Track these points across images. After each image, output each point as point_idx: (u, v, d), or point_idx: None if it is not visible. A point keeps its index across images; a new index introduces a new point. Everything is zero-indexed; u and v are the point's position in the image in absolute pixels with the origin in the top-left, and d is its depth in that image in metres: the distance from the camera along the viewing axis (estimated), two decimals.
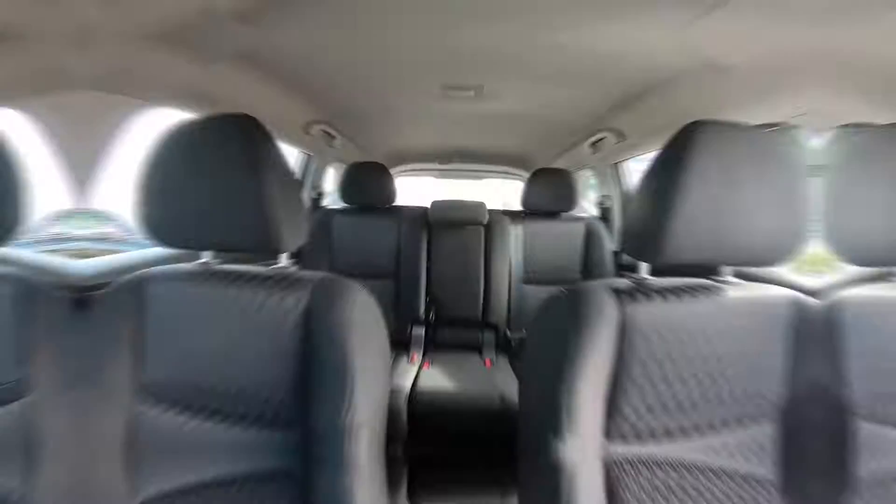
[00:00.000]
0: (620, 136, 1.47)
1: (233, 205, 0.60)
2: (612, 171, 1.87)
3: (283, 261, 0.70)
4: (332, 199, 2.29)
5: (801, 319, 0.62)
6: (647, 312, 0.58)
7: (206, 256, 0.71)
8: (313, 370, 0.59)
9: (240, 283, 0.64)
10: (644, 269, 0.64)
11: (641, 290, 0.60)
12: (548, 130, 1.72)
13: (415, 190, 3.56)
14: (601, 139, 1.59)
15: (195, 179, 0.61)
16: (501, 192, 3.62)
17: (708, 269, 0.64)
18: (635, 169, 1.92)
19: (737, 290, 0.62)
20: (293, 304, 0.61)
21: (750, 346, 0.60)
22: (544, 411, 0.57)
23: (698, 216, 0.55)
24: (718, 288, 0.62)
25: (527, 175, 2.76)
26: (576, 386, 0.55)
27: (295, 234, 0.64)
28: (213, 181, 0.60)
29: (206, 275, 0.66)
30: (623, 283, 0.63)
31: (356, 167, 1.70)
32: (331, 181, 2.29)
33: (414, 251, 1.67)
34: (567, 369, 0.55)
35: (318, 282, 0.63)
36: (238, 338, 0.61)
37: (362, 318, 0.61)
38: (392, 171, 2.76)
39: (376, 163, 1.74)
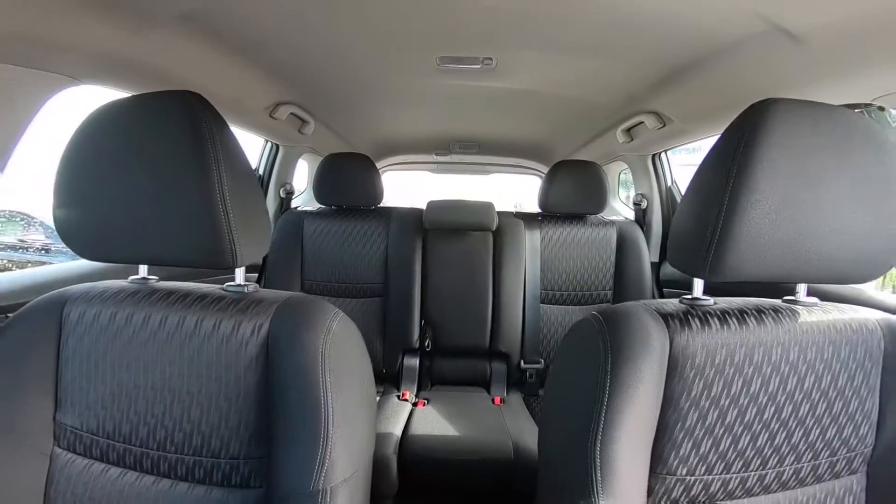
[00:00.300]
0: (662, 120, 1.46)
1: (173, 207, 0.58)
2: (650, 164, 1.85)
3: (240, 276, 0.67)
4: (304, 198, 2.28)
5: None
6: (702, 341, 0.56)
7: (143, 271, 0.70)
8: (277, 416, 0.57)
9: (184, 304, 0.62)
10: (698, 286, 0.62)
11: (695, 314, 0.58)
12: (571, 114, 1.70)
13: (407, 188, 3.58)
14: (637, 124, 1.58)
15: (125, 175, 0.59)
16: (512, 192, 3.60)
17: (777, 287, 0.62)
18: (678, 163, 1.91)
19: (816, 314, 0.60)
20: (250, 331, 0.59)
21: (833, 383, 0.58)
22: (571, 466, 0.55)
23: (770, 220, 0.53)
24: (792, 310, 0.60)
25: (544, 169, 2.76)
26: (612, 435, 0.53)
27: (254, 245, 0.63)
28: (149, 177, 0.58)
29: (141, 294, 0.64)
30: (671, 304, 0.62)
31: (333, 159, 1.69)
32: (303, 176, 2.27)
33: (405, 263, 1.65)
34: (601, 414, 0.53)
35: (283, 304, 0.61)
36: (181, 374, 0.59)
37: (338, 349, 0.60)
38: (379, 164, 2.76)
39: (358, 154, 1.72)
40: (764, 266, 0.55)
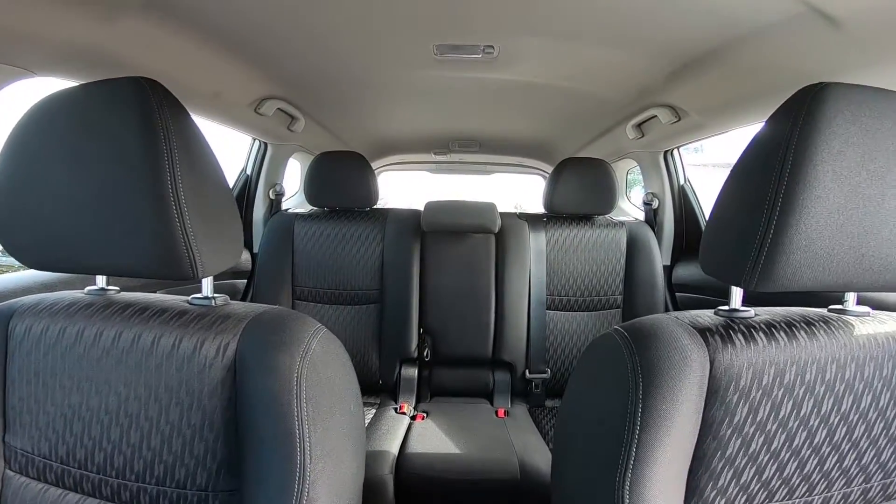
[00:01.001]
0: (677, 113, 1.40)
1: (121, 210, 0.52)
2: (661, 162, 1.79)
3: (207, 287, 0.62)
4: (297, 200, 2.22)
5: None
6: (747, 360, 0.50)
7: (101, 281, 0.66)
8: (248, 448, 0.53)
9: (141, 319, 0.57)
10: (736, 295, 0.57)
11: (737, 328, 0.53)
12: (578, 108, 1.65)
13: (403, 189, 3.53)
14: (649, 119, 1.53)
15: (70, 174, 0.53)
16: (512, 193, 3.55)
17: (822, 296, 0.58)
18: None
19: (870, 325, 0.56)
20: (215, 352, 0.54)
21: (893, 401, 0.55)
22: (592, 499, 0.51)
23: (834, 221, 0.47)
24: (844, 322, 0.56)
25: (548, 169, 2.72)
26: (643, 472, 0.48)
27: (220, 252, 0.57)
28: (95, 176, 0.52)
29: (95, 308, 0.60)
30: (706, 316, 0.57)
31: (324, 158, 1.64)
32: (296, 177, 2.22)
33: (402, 268, 1.60)
34: (631, 448, 0.49)
35: (253, 320, 0.56)
36: (138, 397, 0.54)
37: (317, 373, 0.55)
38: (375, 164, 2.77)
39: (351, 152, 1.67)
40: (825, 274, 0.49)
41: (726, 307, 0.58)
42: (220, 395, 0.54)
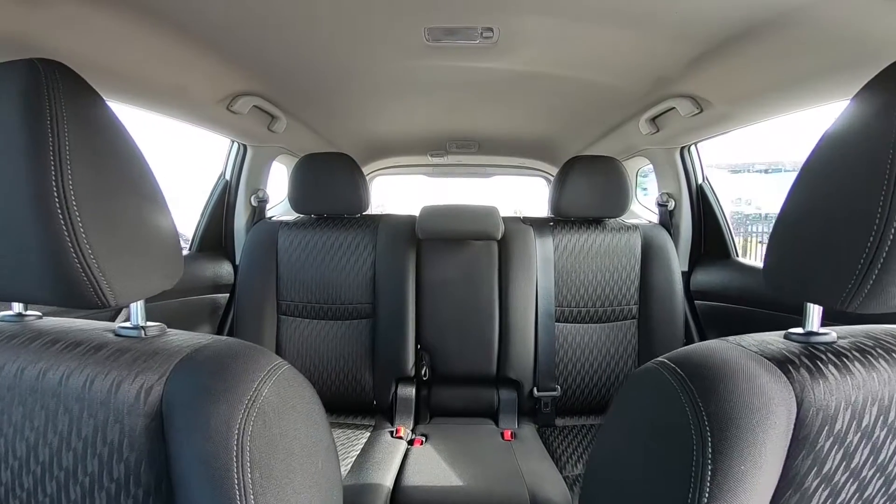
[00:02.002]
0: (699, 104, 1.31)
1: (8, 220, 0.42)
2: (677, 159, 1.69)
3: (137, 314, 0.52)
4: (284, 207, 2.13)
5: None
6: (844, 397, 0.42)
7: (17, 306, 0.58)
8: None
9: (50, 352, 0.48)
10: (814, 314, 0.49)
11: (824, 356, 0.44)
12: (586, 101, 1.56)
13: (402, 195, 3.42)
14: (666, 112, 1.44)
15: None
16: (511, 197, 3.46)
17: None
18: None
19: None
20: (135, 395, 0.44)
21: None
22: None
23: None
24: None
25: (552, 170, 2.65)
26: None
27: (144, 274, 0.48)
28: None
29: (1, 337, 0.51)
30: (776, 342, 0.48)
31: (309, 160, 1.56)
32: (282, 181, 2.12)
33: (397, 279, 1.52)
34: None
35: (188, 357, 0.46)
36: (49, 443, 0.47)
37: (269, 427, 0.44)
38: (367, 168, 2.69)
39: (338, 154, 1.58)
40: None
41: (799, 330, 0.48)
42: (145, 447, 0.44)
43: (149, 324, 0.52)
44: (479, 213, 1.53)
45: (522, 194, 3.56)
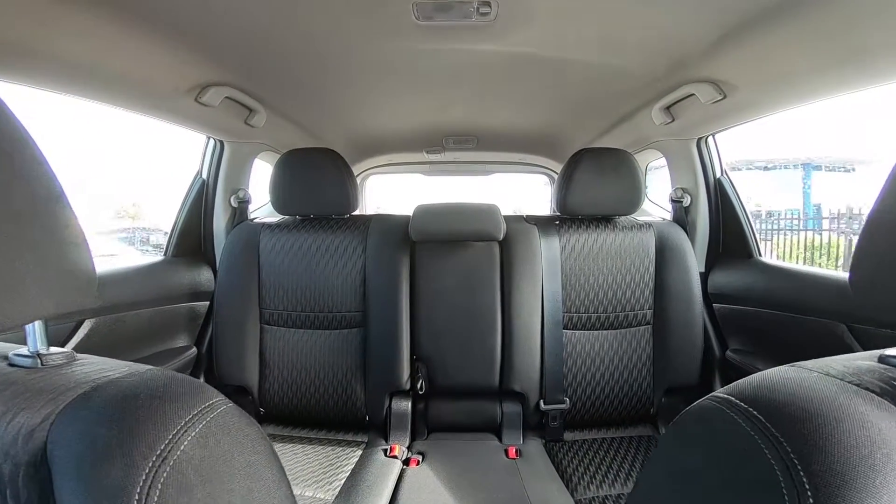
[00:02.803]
0: (721, 90, 1.22)
1: None
2: (694, 151, 1.60)
3: (35, 338, 0.42)
4: (269, 209, 2.02)
5: None
6: None
7: None
8: None
9: None
10: None
11: None
12: (594, 89, 1.47)
13: (398, 195, 3.35)
14: (684, 99, 1.35)
15: None
16: (509, 197, 3.40)
17: None
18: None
19: None
20: (15, 438, 0.35)
21: None
22: None
23: None
24: None
25: (556, 167, 2.58)
26: None
27: (40, 291, 0.38)
28: None
29: None
30: (871, 368, 0.38)
31: (291, 157, 1.47)
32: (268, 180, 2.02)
33: (389, 285, 1.44)
34: None
35: (84, 396, 0.36)
36: None
37: (191, 488, 0.34)
38: (360, 166, 2.62)
39: (323, 149, 1.49)
40: None
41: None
42: (31, 499, 0.34)
43: (52, 350, 0.41)
44: (479, 212, 1.44)
45: (522, 194, 3.48)
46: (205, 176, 1.64)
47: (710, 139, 1.57)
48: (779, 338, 1.27)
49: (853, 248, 0.45)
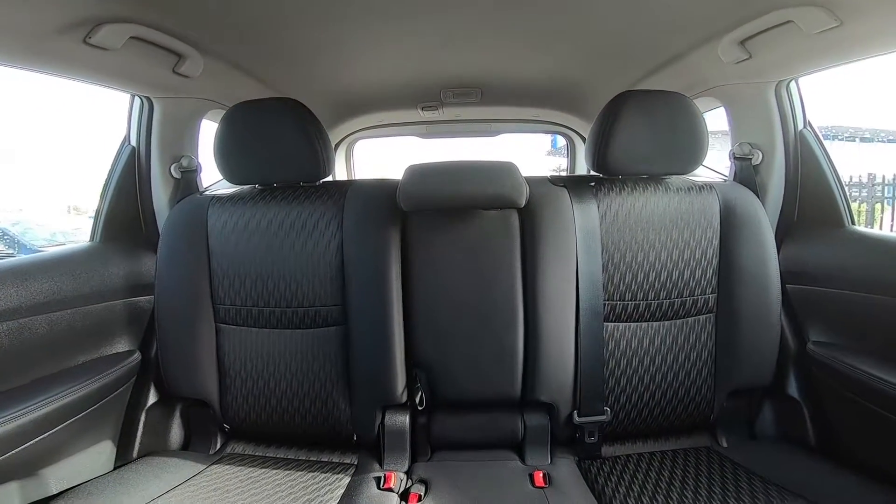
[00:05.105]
0: (836, 16, 1.03)
1: None
2: (772, 98, 1.39)
3: None
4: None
5: None
6: None
7: None
8: None
9: None
10: None
11: None
12: (635, 20, 1.29)
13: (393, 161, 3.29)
14: (772, 28, 1.16)
15: None
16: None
17: None
18: None
19: None
20: None
21: None
22: None
23: None
24: None
25: (578, 125, 2.47)
26: None
27: None
28: None
29: None
30: None
31: (242, 111, 1.28)
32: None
33: (374, 270, 1.26)
34: None
35: None
36: None
37: None
38: (343, 129, 2.50)
39: (283, 99, 1.30)
40: None
41: None
42: None
43: None
44: (492, 172, 1.23)
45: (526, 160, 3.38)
46: (134, 142, 1.43)
47: (793, 84, 1.37)
48: (881, 328, 1.09)
49: None
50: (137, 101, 1.42)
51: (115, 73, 1.25)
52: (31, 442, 0.96)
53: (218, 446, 1.30)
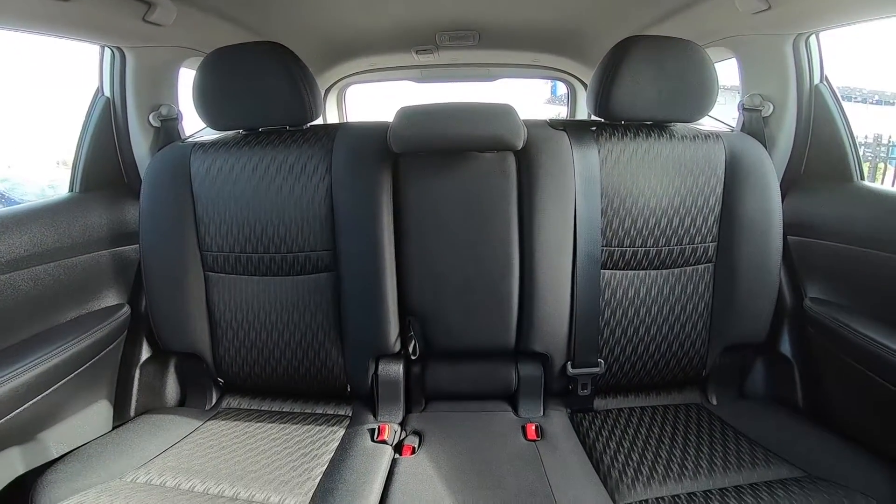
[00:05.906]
0: None
1: None
2: (789, 51, 1.34)
3: None
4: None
5: None
6: None
7: None
8: None
9: None
10: None
11: None
12: None
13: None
14: None
15: None
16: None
17: None
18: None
19: None
20: None
21: None
22: None
23: None
24: None
25: (580, 71, 2.42)
26: None
27: None
28: None
29: None
30: None
31: (222, 56, 1.23)
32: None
33: (365, 215, 1.23)
34: None
35: None
36: None
37: None
38: (332, 74, 2.45)
39: (264, 42, 1.25)
40: None
41: None
42: None
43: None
44: (488, 112, 1.19)
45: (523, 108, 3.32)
46: (108, 93, 1.37)
47: (813, 38, 1.31)
48: (881, 287, 1.08)
49: None
50: (108, 53, 1.35)
51: (80, 24, 1.18)
52: (27, 405, 0.95)
53: (214, 401, 1.32)
